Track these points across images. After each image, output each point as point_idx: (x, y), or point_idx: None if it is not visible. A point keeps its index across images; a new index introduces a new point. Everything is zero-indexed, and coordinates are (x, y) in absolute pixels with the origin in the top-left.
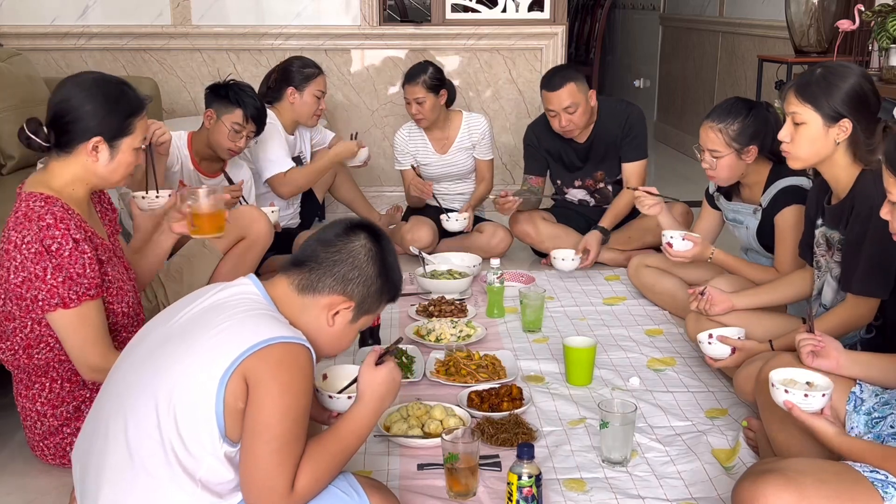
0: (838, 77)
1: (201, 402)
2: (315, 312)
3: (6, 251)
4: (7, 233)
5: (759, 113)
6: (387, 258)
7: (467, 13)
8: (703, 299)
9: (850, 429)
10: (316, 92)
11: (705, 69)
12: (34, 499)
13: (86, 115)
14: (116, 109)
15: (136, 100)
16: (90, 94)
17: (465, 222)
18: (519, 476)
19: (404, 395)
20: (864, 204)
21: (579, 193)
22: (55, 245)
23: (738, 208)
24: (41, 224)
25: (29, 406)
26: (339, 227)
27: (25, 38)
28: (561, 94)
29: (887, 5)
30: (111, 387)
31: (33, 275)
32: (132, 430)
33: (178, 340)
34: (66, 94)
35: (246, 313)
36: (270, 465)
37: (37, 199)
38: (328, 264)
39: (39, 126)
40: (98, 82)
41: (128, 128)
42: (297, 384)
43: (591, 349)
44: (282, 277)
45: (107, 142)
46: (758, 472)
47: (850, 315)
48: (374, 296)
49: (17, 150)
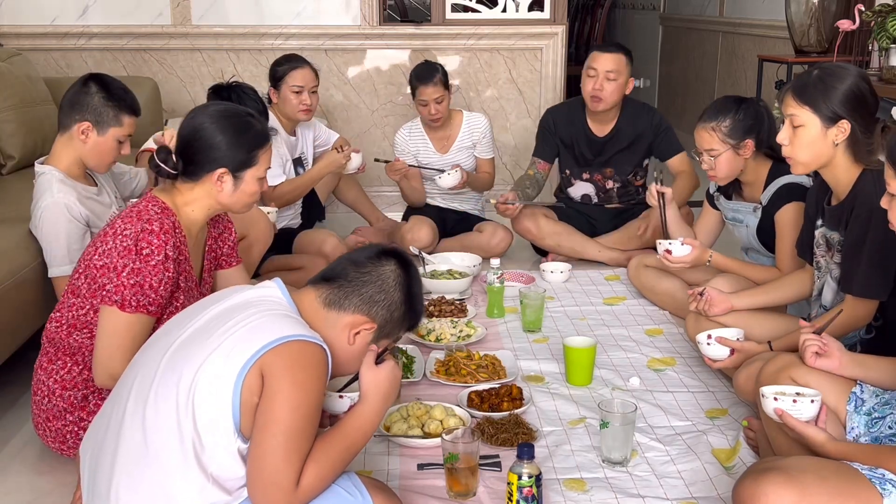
0: (835, 78)
1: (219, 395)
2: (338, 329)
3: (105, 232)
4: (116, 219)
5: (750, 107)
6: (413, 287)
7: (467, 13)
8: (702, 300)
9: (851, 429)
10: (293, 87)
11: (705, 69)
12: (35, 499)
13: (214, 146)
14: (243, 142)
15: (261, 133)
16: (219, 127)
17: (458, 176)
18: (519, 476)
19: (404, 395)
20: (863, 205)
21: (585, 187)
22: (147, 250)
23: (738, 207)
24: (145, 226)
25: (44, 380)
26: (371, 251)
27: (25, 38)
28: (610, 57)
29: (887, 5)
30: (130, 379)
31: (114, 265)
32: (150, 420)
33: (201, 336)
34: (197, 125)
35: (269, 313)
36: (277, 458)
37: (156, 204)
38: (357, 284)
39: (169, 154)
40: (226, 114)
41: (252, 160)
42: (311, 381)
43: (591, 349)
44: (310, 289)
45: (231, 173)
46: (758, 471)
47: (849, 316)
48: (396, 321)
49: (17, 150)
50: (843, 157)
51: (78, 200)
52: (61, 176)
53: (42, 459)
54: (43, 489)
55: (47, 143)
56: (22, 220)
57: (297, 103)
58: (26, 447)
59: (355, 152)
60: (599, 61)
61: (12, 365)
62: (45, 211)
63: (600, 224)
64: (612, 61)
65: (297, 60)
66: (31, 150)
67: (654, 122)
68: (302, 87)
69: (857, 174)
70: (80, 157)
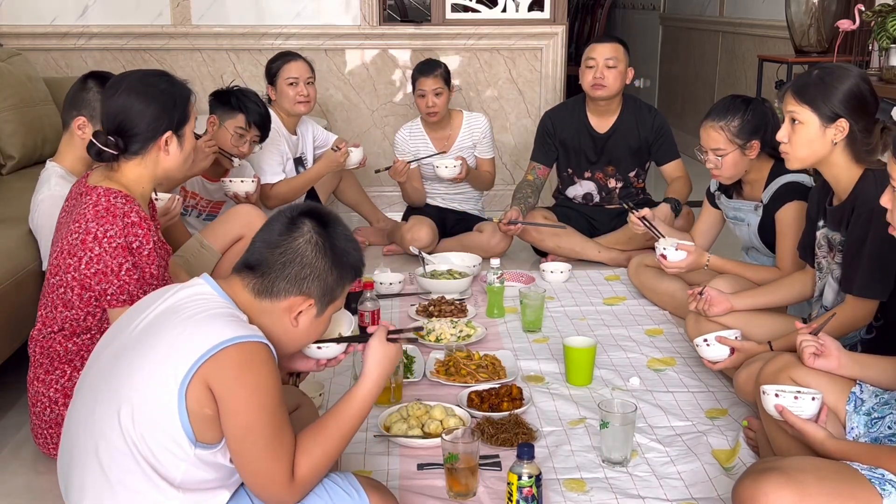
0: (835, 78)
1: (163, 413)
2: (276, 316)
3: (83, 241)
4: (84, 224)
5: (758, 107)
6: (336, 244)
7: (467, 13)
8: (701, 300)
9: (850, 429)
10: (287, 80)
11: (705, 69)
12: (35, 499)
13: (151, 114)
14: (174, 101)
15: (183, 85)
16: (148, 95)
17: (459, 167)
18: (519, 476)
19: (404, 395)
20: (864, 206)
21: (587, 186)
22: (137, 243)
23: (739, 206)
24: (126, 221)
25: (42, 391)
26: (281, 223)
27: (25, 38)
28: (607, 46)
29: (887, 5)
30: (77, 405)
31: (109, 268)
32: (103, 450)
33: (133, 352)
34: (124, 100)
35: (199, 315)
36: (265, 460)
37: (117, 196)
38: (277, 267)
39: (107, 136)
40: (147, 82)
41: (187, 114)
42: (265, 381)
43: (591, 349)
44: (236, 279)
45: (175, 134)
46: (758, 471)
47: (849, 316)
48: (333, 286)
49: (17, 150)
50: (841, 156)
51: None
52: (62, 172)
53: (41, 460)
54: (41, 489)
55: (47, 143)
56: (22, 220)
57: (294, 95)
58: (26, 448)
59: (355, 146)
60: (598, 51)
61: (11, 366)
62: (42, 204)
63: (600, 224)
64: (610, 49)
65: (290, 55)
66: (31, 150)
67: (655, 123)
68: (297, 78)
69: (858, 175)
70: (81, 154)
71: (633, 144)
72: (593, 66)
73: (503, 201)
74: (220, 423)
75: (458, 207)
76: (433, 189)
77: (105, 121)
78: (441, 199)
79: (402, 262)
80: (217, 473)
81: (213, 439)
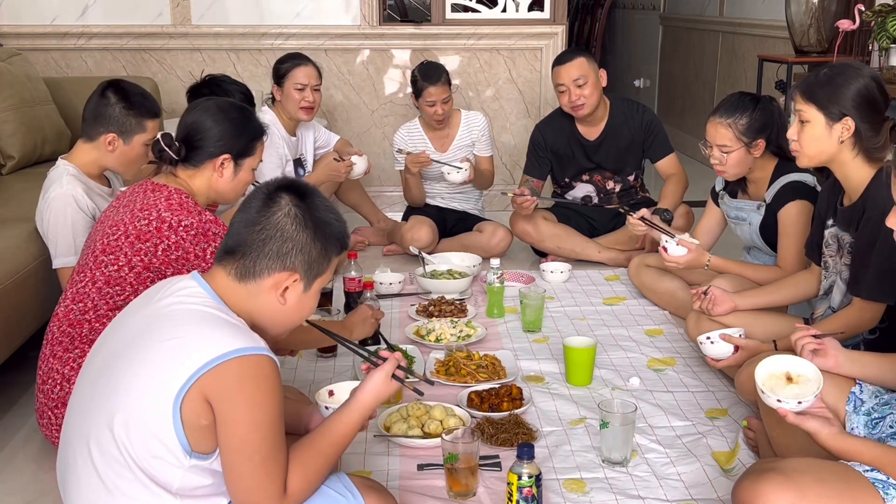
0: (843, 77)
1: (157, 423)
2: (263, 296)
3: (158, 229)
4: (157, 213)
5: (766, 106)
6: (317, 215)
7: (467, 13)
8: (706, 299)
9: (850, 429)
10: (295, 84)
11: (705, 69)
12: (35, 499)
13: (217, 134)
14: (244, 132)
15: (259, 126)
16: (222, 117)
17: (468, 172)
18: (519, 476)
19: (404, 395)
20: (875, 208)
21: (586, 188)
22: (213, 230)
23: (742, 205)
24: (203, 216)
25: (57, 368)
26: (258, 200)
27: (25, 38)
28: (570, 67)
29: (887, 5)
30: (73, 408)
31: (192, 254)
32: (98, 456)
33: (128, 357)
34: (200, 114)
35: (196, 323)
36: (258, 477)
37: (185, 195)
38: (257, 245)
39: (172, 140)
40: (228, 107)
41: (252, 149)
42: (266, 396)
43: (591, 349)
44: (219, 269)
45: (233, 160)
46: (758, 472)
47: (856, 319)
48: (318, 258)
49: (17, 150)
50: (849, 154)
51: (86, 193)
52: (74, 171)
53: (45, 456)
54: (46, 485)
55: (47, 143)
56: (22, 219)
57: (300, 100)
58: (27, 447)
59: (358, 156)
60: (562, 75)
61: (12, 364)
62: (53, 201)
63: (600, 224)
64: (574, 69)
65: (300, 58)
66: (31, 150)
67: (644, 120)
68: (305, 84)
69: (870, 174)
70: (104, 163)
71: (624, 146)
72: (564, 90)
73: (503, 201)
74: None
75: (459, 207)
76: (433, 189)
77: (178, 128)
78: (441, 198)
79: (402, 262)
80: (214, 479)
81: (209, 449)
